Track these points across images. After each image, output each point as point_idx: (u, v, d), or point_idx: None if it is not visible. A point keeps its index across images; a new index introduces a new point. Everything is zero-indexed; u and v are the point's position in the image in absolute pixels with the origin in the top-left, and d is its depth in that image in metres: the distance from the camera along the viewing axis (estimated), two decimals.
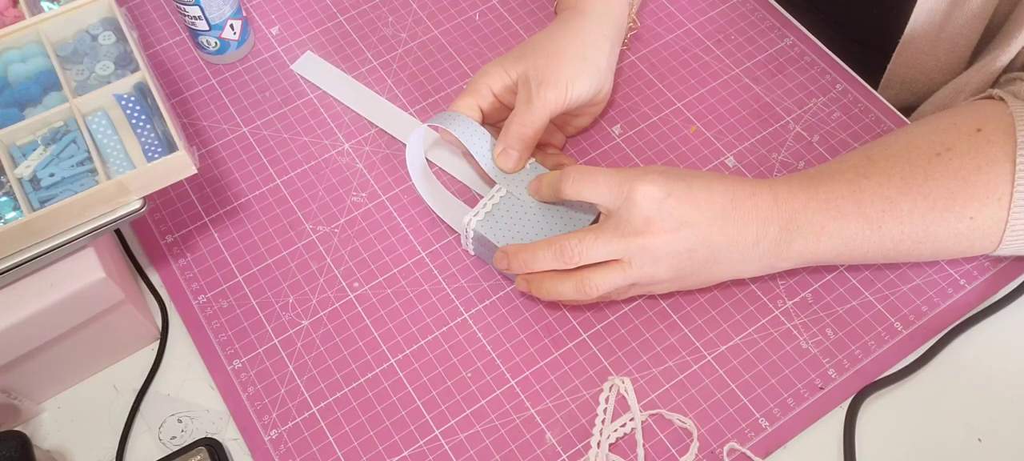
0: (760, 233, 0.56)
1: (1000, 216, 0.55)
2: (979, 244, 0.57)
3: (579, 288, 0.57)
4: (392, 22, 0.78)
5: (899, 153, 0.57)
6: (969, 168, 0.55)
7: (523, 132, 0.62)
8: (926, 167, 0.56)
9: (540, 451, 0.58)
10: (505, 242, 0.61)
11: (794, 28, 0.76)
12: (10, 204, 0.54)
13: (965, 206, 0.55)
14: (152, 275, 0.66)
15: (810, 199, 0.57)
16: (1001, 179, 0.55)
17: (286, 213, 0.68)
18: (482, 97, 0.65)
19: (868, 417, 0.58)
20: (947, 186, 0.55)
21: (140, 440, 0.59)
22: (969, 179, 0.55)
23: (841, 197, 0.56)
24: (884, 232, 0.56)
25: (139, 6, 0.80)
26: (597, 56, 0.65)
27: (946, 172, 0.56)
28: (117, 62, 0.59)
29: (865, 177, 0.57)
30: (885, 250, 0.58)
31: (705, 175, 0.58)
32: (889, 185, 0.56)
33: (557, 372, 0.60)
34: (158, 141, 0.56)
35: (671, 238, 0.55)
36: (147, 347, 0.63)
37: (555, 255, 0.57)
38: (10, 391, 0.57)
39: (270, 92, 0.74)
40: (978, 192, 0.55)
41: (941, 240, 0.57)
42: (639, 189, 0.55)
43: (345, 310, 0.63)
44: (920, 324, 0.61)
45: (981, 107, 0.59)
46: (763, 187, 0.57)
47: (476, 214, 0.62)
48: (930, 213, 0.56)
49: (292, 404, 0.60)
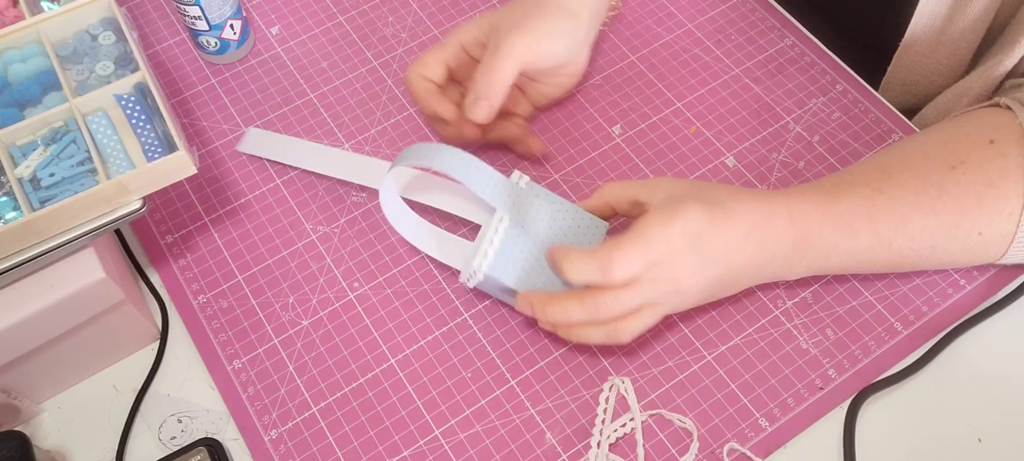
0: (775, 251, 0.56)
1: (1008, 230, 0.56)
2: (983, 255, 0.58)
3: (612, 336, 0.55)
4: (392, 22, 0.78)
5: (914, 165, 0.57)
6: (982, 182, 0.55)
7: (490, 78, 0.61)
8: (940, 181, 0.56)
9: (540, 451, 0.58)
10: (519, 278, 0.57)
11: (794, 28, 0.76)
12: (10, 204, 0.54)
13: (975, 221, 0.56)
14: (152, 275, 0.66)
15: (826, 217, 0.56)
16: (1013, 192, 0.55)
17: (286, 213, 0.68)
18: (449, 50, 0.64)
19: (868, 417, 0.58)
20: (960, 202, 0.56)
21: (140, 440, 0.59)
22: (982, 194, 0.55)
23: (857, 216, 0.56)
24: (894, 249, 0.57)
25: (139, 6, 0.80)
26: (575, 20, 0.64)
27: (959, 186, 0.56)
28: (117, 62, 0.60)
29: (880, 193, 0.56)
30: (891, 263, 0.58)
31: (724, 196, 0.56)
32: (903, 201, 0.56)
33: (557, 372, 0.60)
34: (158, 141, 0.56)
35: (701, 278, 0.55)
36: (147, 347, 0.63)
37: (589, 312, 0.54)
38: (10, 391, 0.57)
39: (270, 92, 0.74)
40: (989, 207, 0.55)
41: (949, 253, 0.58)
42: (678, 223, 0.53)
43: (345, 310, 0.63)
44: (920, 324, 0.61)
45: (992, 117, 0.59)
46: (779, 204, 0.56)
47: (484, 255, 0.57)
48: (941, 229, 0.56)
49: (292, 404, 0.60)
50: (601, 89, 0.73)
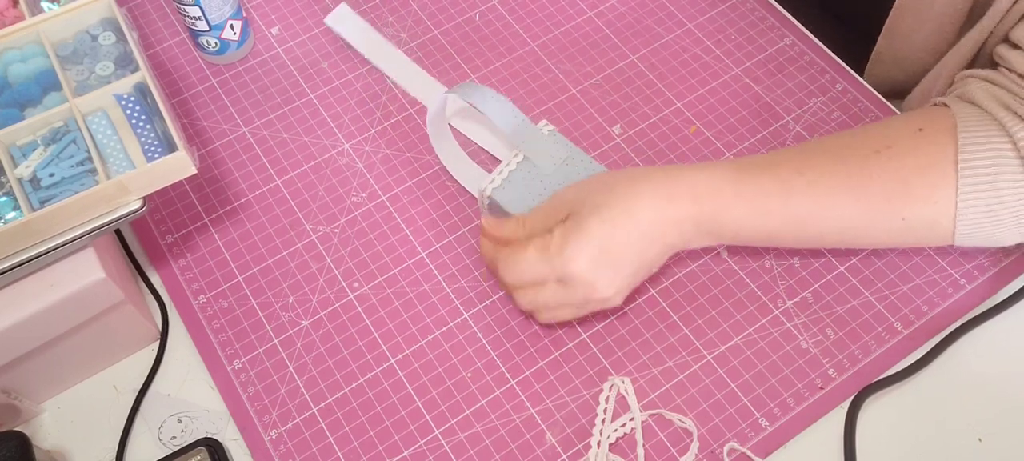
0: (682, 231, 0.56)
1: (934, 217, 0.54)
2: (911, 239, 0.57)
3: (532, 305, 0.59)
4: (392, 22, 0.78)
5: (837, 149, 0.57)
6: (909, 167, 0.54)
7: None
8: (863, 164, 0.55)
9: (540, 451, 0.58)
10: (515, 206, 0.61)
11: (794, 28, 0.76)
12: (10, 204, 0.54)
13: (900, 207, 0.55)
14: (152, 275, 0.66)
15: (737, 195, 0.55)
16: (942, 180, 0.53)
17: (286, 213, 0.68)
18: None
19: (868, 417, 0.58)
20: (884, 186, 0.54)
21: (140, 440, 0.59)
22: (908, 179, 0.54)
23: (770, 195, 0.55)
24: (809, 229, 0.57)
25: (139, 6, 0.80)
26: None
27: (885, 171, 0.55)
28: (117, 62, 0.60)
29: (800, 174, 0.55)
30: (805, 241, 0.59)
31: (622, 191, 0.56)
32: (821, 184, 0.55)
33: (557, 372, 0.60)
34: (158, 141, 0.56)
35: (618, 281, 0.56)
36: (147, 347, 0.63)
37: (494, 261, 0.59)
38: (10, 391, 0.57)
39: (270, 92, 0.74)
40: (916, 193, 0.54)
41: (870, 236, 0.57)
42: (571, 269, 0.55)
43: (345, 310, 0.63)
44: (920, 324, 0.61)
45: (925, 111, 0.58)
46: (684, 184, 0.56)
47: (492, 181, 0.62)
48: (861, 214, 0.55)
49: (292, 404, 0.60)
50: (601, 89, 0.73)
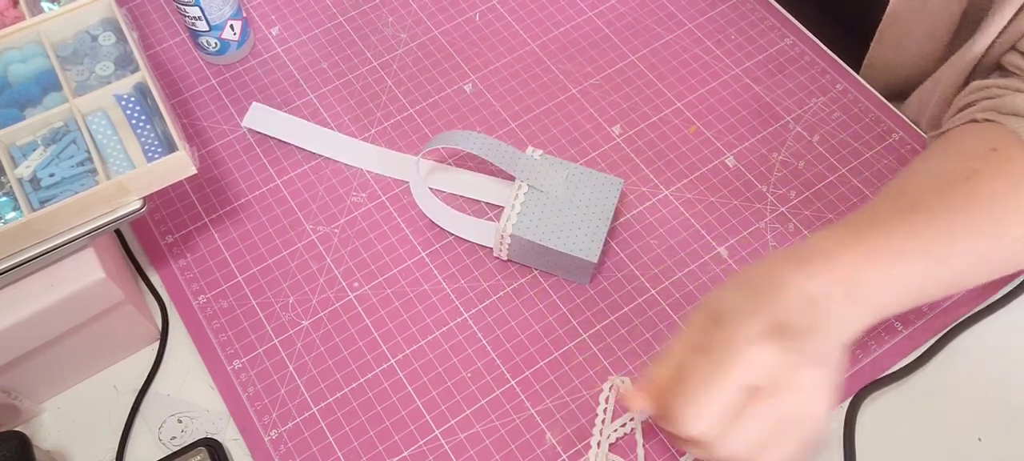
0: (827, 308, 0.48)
1: None
2: None
3: None
4: (392, 22, 0.78)
5: (928, 186, 0.54)
6: (1003, 187, 0.52)
7: None
8: (962, 194, 0.52)
9: (540, 451, 0.58)
10: (544, 234, 0.61)
11: (794, 28, 0.76)
12: (10, 204, 0.54)
13: (1010, 226, 0.52)
14: (152, 275, 0.66)
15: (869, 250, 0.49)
16: None
17: (286, 213, 0.68)
18: None
19: (868, 417, 0.58)
20: (990, 212, 0.52)
21: (140, 440, 0.59)
22: (1007, 199, 0.52)
23: (903, 241, 0.50)
24: (951, 266, 0.51)
25: (139, 6, 0.80)
26: None
27: (982, 197, 0.52)
28: (117, 62, 0.60)
29: (915, 213, 0.51)
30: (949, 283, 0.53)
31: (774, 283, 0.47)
32: (937, 220, 0.51)
33: (557, 372, 0.60)
34: (158, 141, 0.56)
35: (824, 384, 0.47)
36: (147, 347, 0.63)
37: None
38: (10, 391, 0.57)
39: (270, 92, 0.74)
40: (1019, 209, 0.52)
41: (1000, 262, 0.54)
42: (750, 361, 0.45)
43: (345, 310, 0.63)
44: (920, 323, 0.61)
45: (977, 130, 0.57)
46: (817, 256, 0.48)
47: (508, 219, 0.61)
48: (983, 239, 0.52)
49: (292, 404, 0.60)
50: (601, 89, 0.73)
